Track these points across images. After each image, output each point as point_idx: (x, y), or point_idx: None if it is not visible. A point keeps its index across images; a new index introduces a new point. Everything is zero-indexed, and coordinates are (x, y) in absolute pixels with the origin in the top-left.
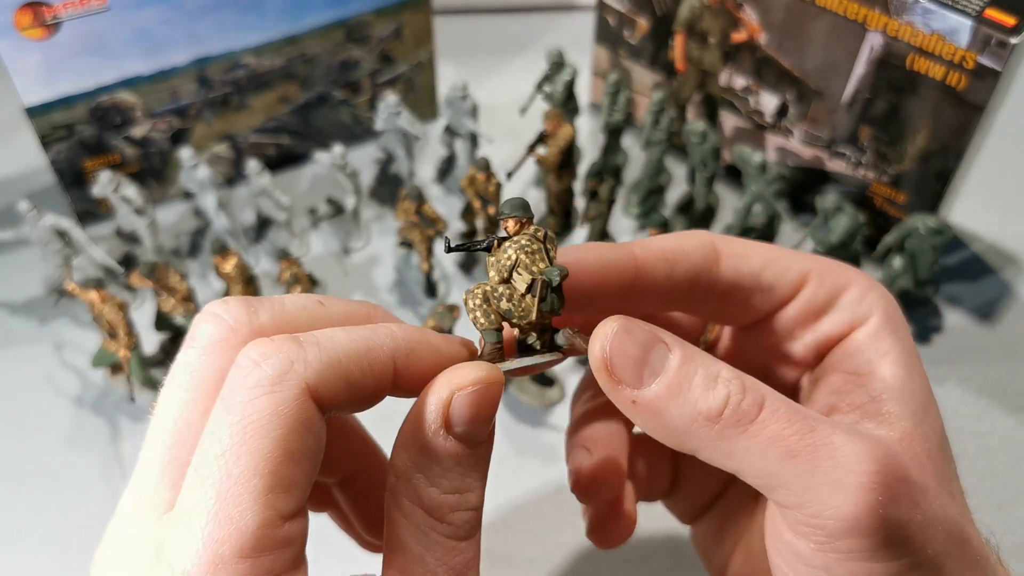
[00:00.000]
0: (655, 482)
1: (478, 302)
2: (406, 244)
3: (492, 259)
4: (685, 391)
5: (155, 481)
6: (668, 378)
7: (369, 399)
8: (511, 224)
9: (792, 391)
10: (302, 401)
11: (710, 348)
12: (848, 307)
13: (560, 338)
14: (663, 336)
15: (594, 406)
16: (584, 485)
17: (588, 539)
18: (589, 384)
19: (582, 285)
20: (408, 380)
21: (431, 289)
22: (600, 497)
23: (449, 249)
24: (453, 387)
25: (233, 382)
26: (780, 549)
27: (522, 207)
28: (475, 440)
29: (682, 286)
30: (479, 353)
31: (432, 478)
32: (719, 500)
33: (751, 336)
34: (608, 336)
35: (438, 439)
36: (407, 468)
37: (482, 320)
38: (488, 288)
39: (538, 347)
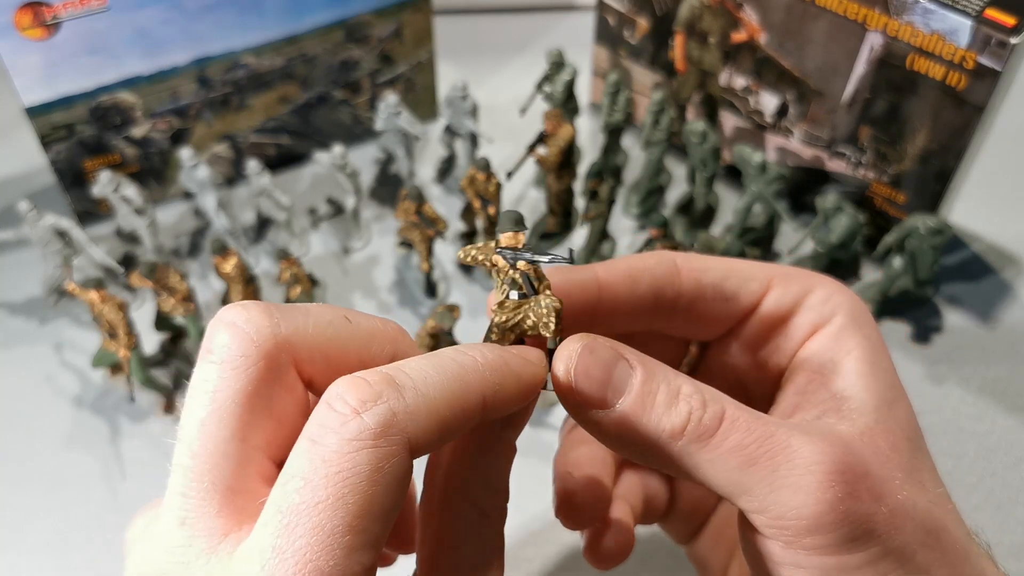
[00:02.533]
0: (652, 504)
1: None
2: (406, 244)
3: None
4: (648, 410)
5: (200, 509)
6: (631, 398)
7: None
8: (504, 238)
9: (769, 397)
10: (403, 458)
11: (692, 369)
12: (814, 308)
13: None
14: (625, 353)
15: (580, 431)
16: (566, 510)
17: (585, 559)
18: None
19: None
20: (492, 415)
21: (431, 289)
22: (583, 521)
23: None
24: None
25: (326, 425)
26: (751, 551)
27: (512, 221)
28: (518, 425)
29: (646, 301)
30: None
31: (485, 475)
32: (713, 515)
33: (723, 349)
34: (572, 357)
35: (493, 432)
36: (461, 466)
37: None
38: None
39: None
